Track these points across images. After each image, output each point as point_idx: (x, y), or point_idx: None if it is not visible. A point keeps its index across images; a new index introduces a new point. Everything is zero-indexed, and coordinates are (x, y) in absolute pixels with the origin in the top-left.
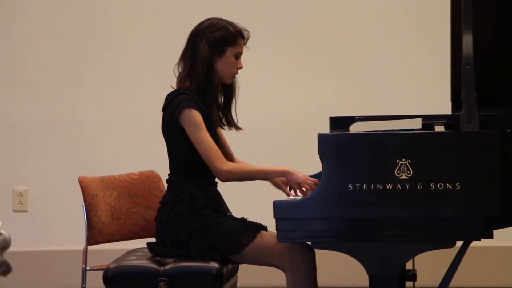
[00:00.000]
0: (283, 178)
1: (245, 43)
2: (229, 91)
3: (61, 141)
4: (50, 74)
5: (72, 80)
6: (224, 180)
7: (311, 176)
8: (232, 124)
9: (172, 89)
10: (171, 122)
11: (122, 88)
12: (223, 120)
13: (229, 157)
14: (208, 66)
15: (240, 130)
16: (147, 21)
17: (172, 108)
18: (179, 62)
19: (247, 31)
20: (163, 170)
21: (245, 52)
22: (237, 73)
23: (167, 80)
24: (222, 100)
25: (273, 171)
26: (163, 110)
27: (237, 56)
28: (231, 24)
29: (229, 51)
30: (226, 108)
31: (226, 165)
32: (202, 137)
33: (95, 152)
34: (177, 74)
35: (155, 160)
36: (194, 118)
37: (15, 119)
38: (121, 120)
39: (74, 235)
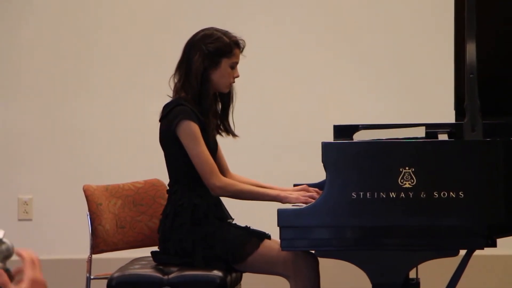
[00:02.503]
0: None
1: (241, 52)
2: (226, 98)
3: (65, 149)
4: (54, 83)
5: (76, 89)
6: (215, 195)
7: (314, 185)
8: (229, 131)
9: (169, 99)
10: (169, 133)
11: (126, 96)
12: (221, 127)
13: (223, 170)
14: (203, 78)
15: (236, 138)
16: (149, 25)
17: (170, 119)
18: (174, 73)
19: (243, 40)
20: (167, 179)
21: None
22: (233, 82)
23: (171, 88)
24: (220, 107)
25: (266, 194)
26: (160, 120)
27: (233, 66)
28: (226, 34)
29: (225, 62)
30: (224, 115)
31: (220, 181)
32: (199, 150)
33: (100, 160)
34: (172, 85)
35: (160, 168)
36: (191, 130)
37: (19, 128)
38: (126, 129)
39: (79, 244)
